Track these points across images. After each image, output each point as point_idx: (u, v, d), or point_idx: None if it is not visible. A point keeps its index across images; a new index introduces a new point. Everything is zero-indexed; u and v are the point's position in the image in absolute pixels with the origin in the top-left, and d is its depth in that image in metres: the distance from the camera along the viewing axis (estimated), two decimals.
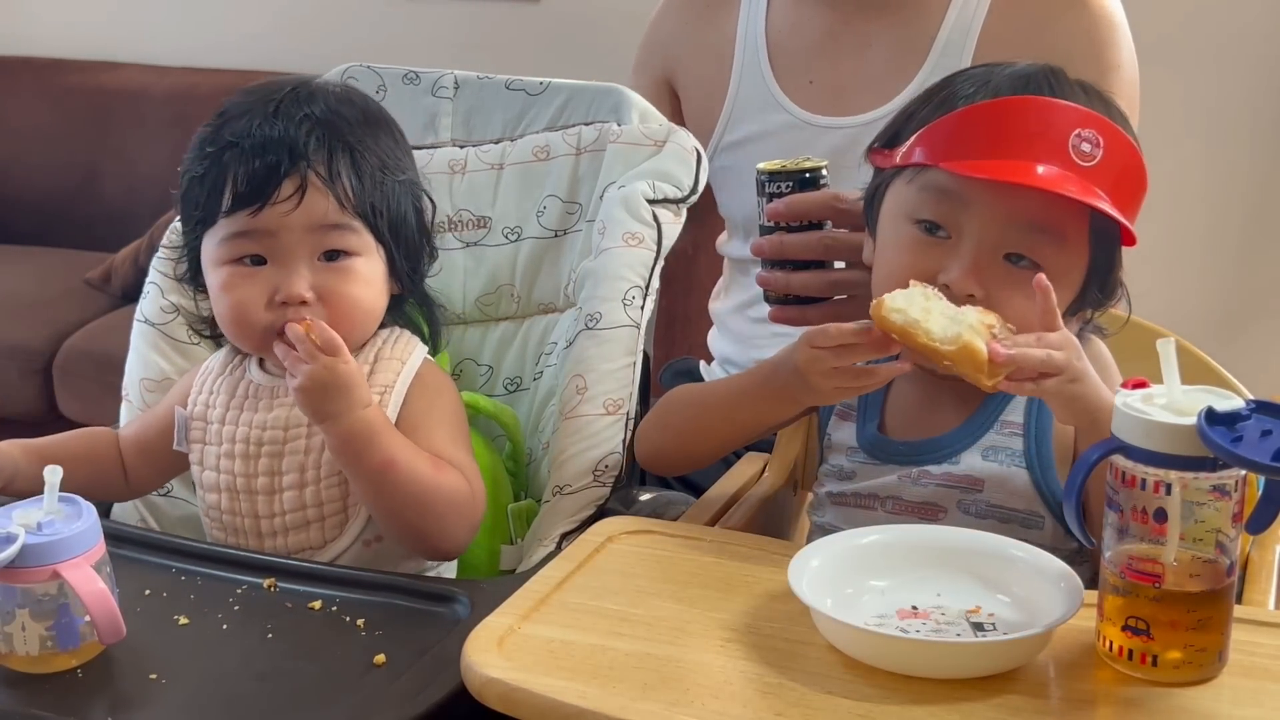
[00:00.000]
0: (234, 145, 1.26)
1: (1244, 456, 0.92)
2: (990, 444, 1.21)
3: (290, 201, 1.25)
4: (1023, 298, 1.14)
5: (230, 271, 1.28)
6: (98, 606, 1.07)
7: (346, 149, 1.28)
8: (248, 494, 1.31)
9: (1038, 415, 1.21)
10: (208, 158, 1.28)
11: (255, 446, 1.30)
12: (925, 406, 1.25)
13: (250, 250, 1.27)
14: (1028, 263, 1.16)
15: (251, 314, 1.27)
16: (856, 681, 0.97)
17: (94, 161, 3.53)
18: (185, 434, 1.35)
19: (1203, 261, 2.97)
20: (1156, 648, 0.97)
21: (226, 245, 1.28)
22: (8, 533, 1.07)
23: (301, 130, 1.27)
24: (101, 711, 1.04)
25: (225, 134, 1.28)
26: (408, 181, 1.34)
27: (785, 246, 1.37)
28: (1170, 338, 1.08)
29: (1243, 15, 2.85)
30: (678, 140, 1.51)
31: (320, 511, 1.30)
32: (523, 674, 0.98)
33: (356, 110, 1.32)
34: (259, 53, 3.50)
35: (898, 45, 1.68)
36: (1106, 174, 1.15)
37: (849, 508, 1.27)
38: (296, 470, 1.30)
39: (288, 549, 1.30)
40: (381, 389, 1.30)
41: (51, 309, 3.19)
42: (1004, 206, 1.16)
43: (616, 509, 1.33)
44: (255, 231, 1.26)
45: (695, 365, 1.89)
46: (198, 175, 1.29)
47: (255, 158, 1.25)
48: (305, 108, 1.28)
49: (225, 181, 1.26)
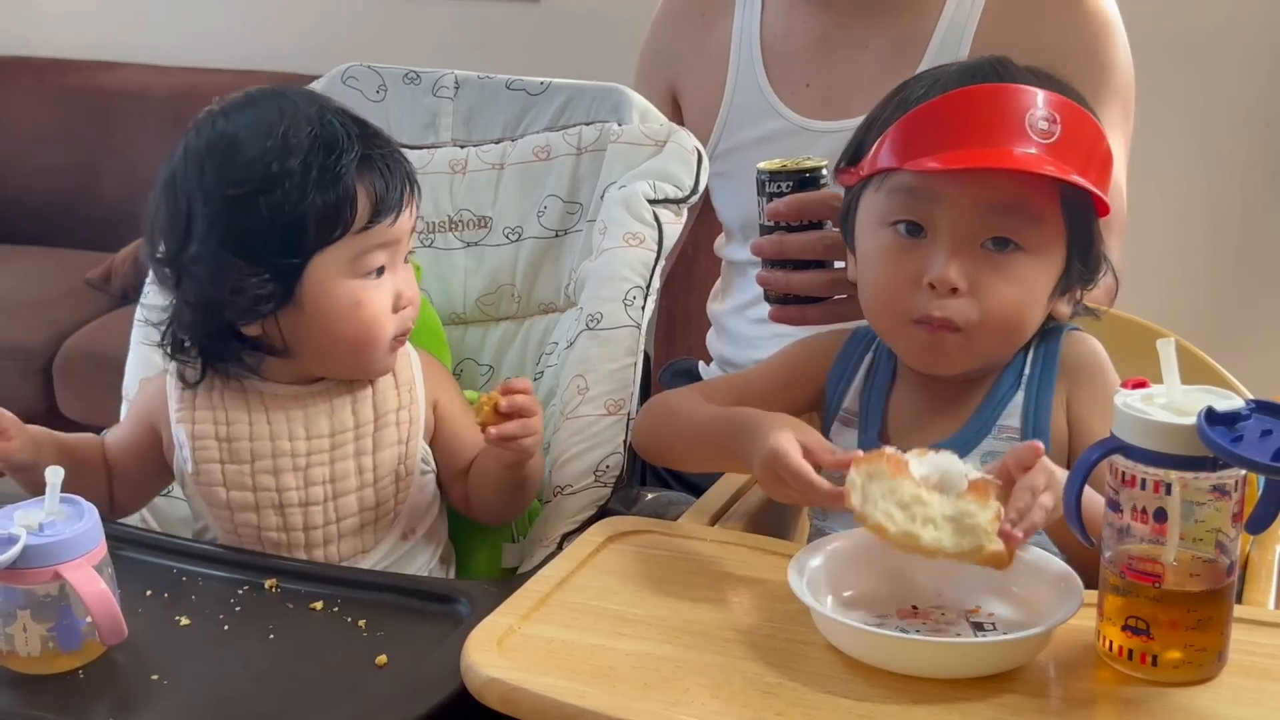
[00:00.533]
0: (368, 159, 1.24)
1: (1244, 456, 0.92)
2: (988, 449, 1.20)
3: (409, 210, 1.27)
4: (1005, 283, 1.15)
5: (359, 286, 1.25)
6: (99, 607, 1.07)
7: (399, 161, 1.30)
8: (298, 507, 1.28)
9: (1034, 418, 1.20)
10: (332, 180, 1.22)
11: (304, 458, 1.28)
12: (926, 412, 1.25)
13: (380, 262, 1.26)
14: (1012, 245, 1.16)
15: (385, 325, 1.27)
16: (856, 681, 0.97)
17: (94, 161, 3.52)
18: (193, 457, 1.29)
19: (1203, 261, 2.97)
20: (1156, 648, 0.97)
21: (360, 261, 1.25)
22: (9, 534, 1.07)
23: (369, 129, 1.28)
24: (103, 712, 1.04)
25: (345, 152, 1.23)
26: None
27: (785, 246, 1.37)
28: (1170, 338, 1.08)
29: (1242, 15, 2.84)
30: (678, 140, 1.51)
31: (375, 513, 1.31)
32: (523, 674, 0.98)
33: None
34: (259, 53, 3.50)
35: (893, 48, 1.68)
36: (1069, 147, 1.14)
37: (849, 514, 1.26)
38: (354, 474, 1.30)
39: (339, 555, 1.30)
40: (408, 386, 1.33)
41: (51, 309, 3.19)
42: (975, 194, 1.14)
43: (617, 509, 1.33)
44: (387, 242, 1.26)
45: (695, 365, 1.89)
46: (325, 201, 1.22)
47: (391, 167, 1.25)
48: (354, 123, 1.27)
49: (357, 197, 1.23)
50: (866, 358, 1.28)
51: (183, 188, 1.25)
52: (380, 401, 1.31)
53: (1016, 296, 1.16)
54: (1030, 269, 1.16)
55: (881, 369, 1.27)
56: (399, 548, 1.33)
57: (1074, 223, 1.17)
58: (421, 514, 1.34)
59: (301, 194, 1.21)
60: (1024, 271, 1.16)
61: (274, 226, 1.22)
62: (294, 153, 1.22)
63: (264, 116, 1.24)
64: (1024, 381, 1.21)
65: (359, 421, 1.30)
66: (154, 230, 1.27)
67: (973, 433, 1.21)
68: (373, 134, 1.28)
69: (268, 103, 1.26)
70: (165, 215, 1.26)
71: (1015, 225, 1.15)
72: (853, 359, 1.29)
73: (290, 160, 1.21)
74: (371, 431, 1.30)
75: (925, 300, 1.16)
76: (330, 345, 1.27)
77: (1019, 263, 1.16)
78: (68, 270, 3.35)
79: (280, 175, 1.21)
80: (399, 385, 1.32)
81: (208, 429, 1.29)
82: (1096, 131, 1.17)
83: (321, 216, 1.22)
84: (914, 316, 1.17)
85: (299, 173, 1.21)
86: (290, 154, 1.22)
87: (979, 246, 1.16)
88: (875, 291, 1.21)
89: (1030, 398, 1.21)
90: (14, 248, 3.56)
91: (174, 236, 1.25)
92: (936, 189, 1.16)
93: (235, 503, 1.29)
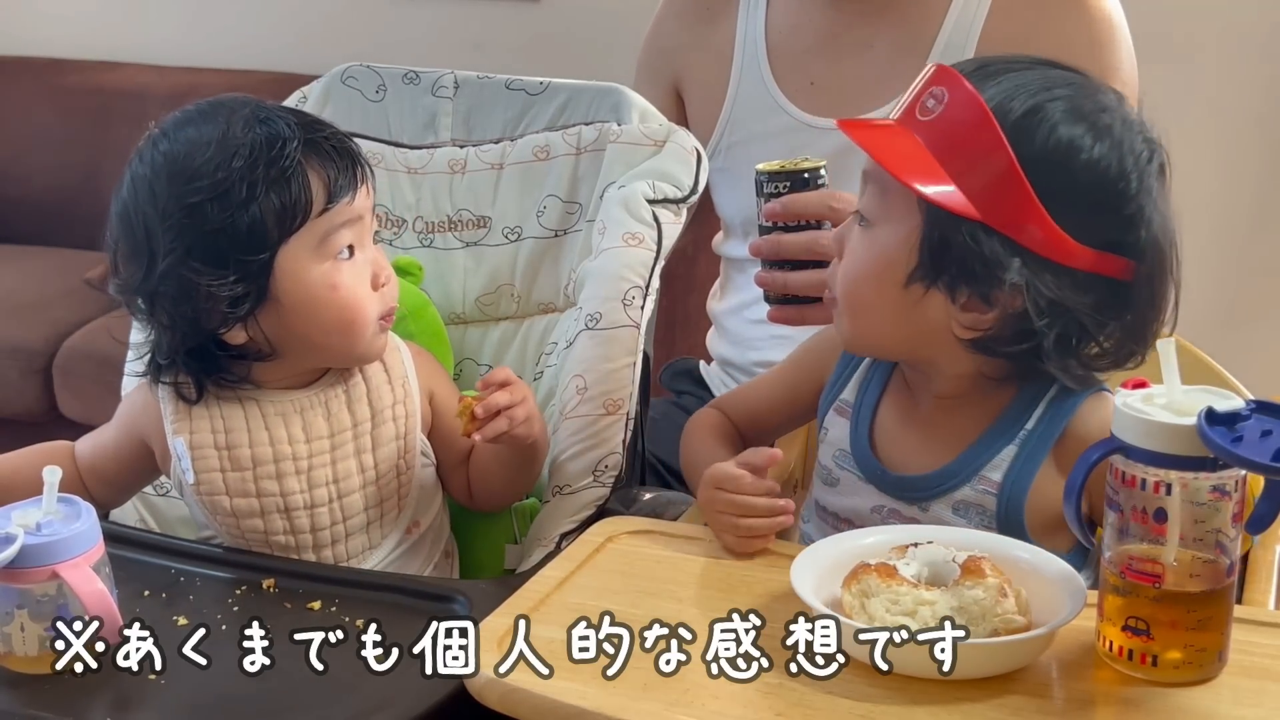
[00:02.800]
0: (313, 144, 1.24)
1: (1244, 456, 0.92)
2: (962, 499, 1.17)
3: (365, 187, 1.27)
4: (847, 256, 1.17)
5: (333, 269, 1.25)
6: (97, 607, 1.06)
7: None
8: (304, 509, 1.28)
9: (1016, 479, 1.15)
10: (281, 177, 1.22)
11: (306, 461, 1.28)
12: (913, 424, 1.22)
13: (347, 241, 1.26)
14: (864, 221, 1.16)
15: (369, 305, 1.27)
16: (856, 681, 0.97)
17: (94, 161, 3.52)
18: (192, 467, 1.29)
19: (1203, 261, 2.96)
20: (1156, 648, 0.97)
21: (326, 244, 1.24)
22: (7, 533, 1.07)
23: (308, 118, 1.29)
24: (100, 712, 1.04)
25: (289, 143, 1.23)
26: None
27: (782, 246, 1.37)
28: (1170, 338, 1.08)
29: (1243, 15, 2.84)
30: (678, 140, 1.51)
31: (380, 510, 1.31)
32: (523, 674, 0.98)
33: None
34: (259, 53, 3.49)
35: (898, 46, 1.68)
36: (940, 131, 1.10)
37: (828, 525, 1.26)
38: (357, 473, 1.30)
39: (347, 555, 1.30)
40: (401, 380, 1.33)
41: (51, 309, 3.19)
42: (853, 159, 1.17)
43: (616, 509, 1.33)
44: (350, 220, 1.26)
45: (695, 365, 1.89)
46: (278, 199, 1.22)
47: (336, 147, 1.25)
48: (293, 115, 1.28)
49: (311, 184, 1.23)
50: (865, 360, 1.28)
51: (137, 214, 1.26)
52: (375, 398, 1.31)
53: (850, 270, 1.17)
54: (868, 244, 1.15)
55: (879, 367, 1.27)
56: (404, 542, 1.33)
57: (931, 214, 1.10)
58: (425, 507, 1.35)
59: (253, 191, 1.22)
60: (863, 246, 1.16)
61: (235, 228, 1.22)
62: (239, 153, 1.22)
63: (203, 128, 1.25)
64: (1020, 437, 1.16)
65: (356, 420, 1.30)
66: (118, 263, 1.29)
67: (950, 476, 1.18)
68: (312, 122, 1.28)
69: (203, 115, 1.26)
70: (125, 244, 1.27)
71: (867, 198, 1.16)
72: (852, 359, 1.29)
73: (235, 161, 1.22)
74: (370, 429, 1.30)
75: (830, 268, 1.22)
76: (316, 335, 1.26)
77: (862, 237, 1.16)
78: (68, 270, 3.34)
79: (229, 177, 1.22)
80: (392, 380, 1.32)
81: (206, 439, 1.28)
82: (982, 129, 1.08)
83: (279, 208, 1.22)
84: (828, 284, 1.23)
85: (247, 171, 1.22)
86: (235, 155, 1.22)
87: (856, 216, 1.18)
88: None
89: (1021, 456, 1.16)
90: (14, 248, 3.56)
91: (138, 262, 1.26)
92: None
93: (240, 510, 1.28)
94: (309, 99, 1.61)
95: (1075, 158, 1.09)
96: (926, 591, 1.00)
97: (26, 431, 3.08)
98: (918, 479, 1.19)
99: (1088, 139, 1.10)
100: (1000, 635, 0.98)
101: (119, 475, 1.37)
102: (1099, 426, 1.11)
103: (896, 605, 0.99)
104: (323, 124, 1.29)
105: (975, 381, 1.18)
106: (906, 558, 1.04)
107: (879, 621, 0.99)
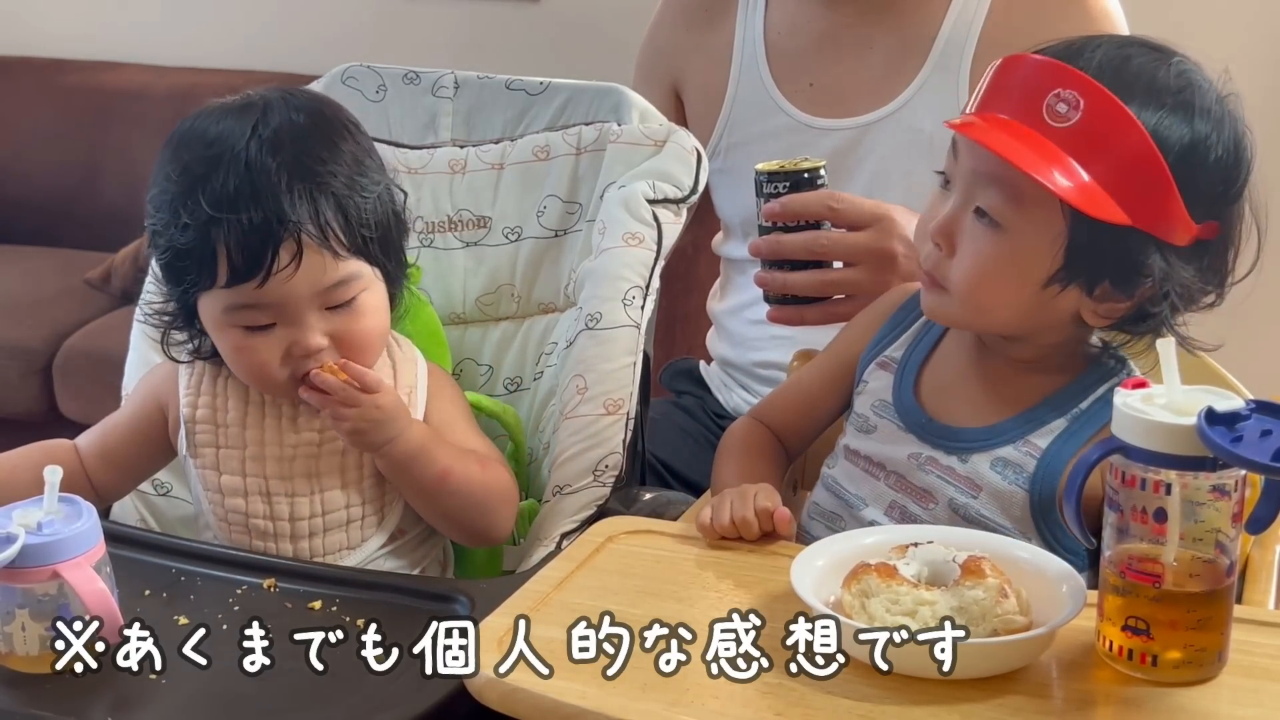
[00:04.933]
0: (217, 220, 1.21)
1: (1244, 456, 0.92)
2: (1003, 456, 1.19)
3: (289, 269, 1.22)
4: (970, 254, 1.16)
5: (240, 335, 1.26)
6: (98, 606, 1.06)
7: (328, 192, 1.24)
8: (284, 496, 1.29)
9: (1059, 449, 1.18)
10: (190, 229, 1.22)
11: (290, 449, 1.30)
12: (966, 381, 1.25)
13: (257, 320, 1.25)
14: (988, 220, 1.15)
15: (271, 373, 1.27)
16: (856, 681, 0.97)
17: (94, 161, 3.52)
18: (192, 439, 1.32)
19: None
20: (1156, 648, 0.97)
21: (231, 315, 1.25)
22: (8, 533, 1.07)
23: (281, 185, 1.22)
24: (101, 711, 1.04)
25: (203, 202, 1.21)
26: (382, 187, 1.30)
27: (781, 246, 1.37)
28: (1170, 338, 1.08)
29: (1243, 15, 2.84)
30: (678, 140, 1.51)
31: (361, 510, 1.31)
32: (523, 674, 0.98)
33: (315, 128, 1.28)
34: (259, 53, 3.49)
35: (898, 46, 1.68)
36: (1082, 137, 1.11)
37: (858, 469, 1.27)
38: (337, 471, 1.30)
39: (323, 550, 1.30)
40: (407, 390, 1.33)
41: (51, 309, 3.19)
42: (971, 160, 1.16)
43: (617, 509, 1.33)
44: (260, 304, 1.24)
45: (695, 365, 1.89)
46: (183, 247, 1.23)
47: (246, 233, 1.21)
48: (275, 154, 1.23)
49: (217, 255, 1.22)
50: (923, 317, 1.29)
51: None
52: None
53: (976, 269, 1.16)
54: (1000, 246, 1.15)
55: (933, 328, 1.28)
56: (387, 546, 1.32)
57: (1077, 218, 1.12)
58: (413, 518, 1.34)
59: (167, 237, 1.25)
60: (992, 247, 1.15)
61: (161, 255, 1.27)
62: (176, 184, 1.24)
63: (210, 124, 1.26)
64: (1073, 413, 1.19)
65: None
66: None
67: (999, 434, 1.21)
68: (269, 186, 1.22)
69: (229, 112, 1.26)
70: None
71: (996, 199, 1.15)
72: (910, 313, 1.30)
73: (171, 187, 1.24)
74: None
75: (927, 252, 1.20)
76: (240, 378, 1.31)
77: (990, 237, 1.15)
78: (68, 270, 3.34)
79: (172, 194, 1.24)
80: (397, 390, 1.31)
81: (207, 414, 1.32)
82: (1126, 124, 1.11)
83: (188, 265, 1.24)
84: (924, 266, 1.21)
85: (165, 210, 1.25)
86: (172, 183, 1.24)
87: (969, 212, 1.17)
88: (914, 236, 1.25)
89: (1068, 430, 1.19)
90: (14, 248, 3.55)
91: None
92: (959, 148, 1.18)
93: (226, 487, 1.30)
94: None
95: (1206, 156, 1.14)
96: (926, 592, 1.00)
97: (26, 431, 3.07)
98: (965, 430, 1.22)
99: (1213, 136, 1.15)
100: (1000, 635, 0.98)
101: (129, 454, 1.37)
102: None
103: (896, 605, 0.99)
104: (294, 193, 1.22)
105: (1057, 350, 1.22)
106: (906, 558, 1.04)
107: (879, 621, 0.99)
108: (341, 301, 1.27)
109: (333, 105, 1.35)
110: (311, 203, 1.23)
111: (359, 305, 1.28)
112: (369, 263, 1.28)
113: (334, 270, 1.25)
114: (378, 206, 1.29)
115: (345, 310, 1.27)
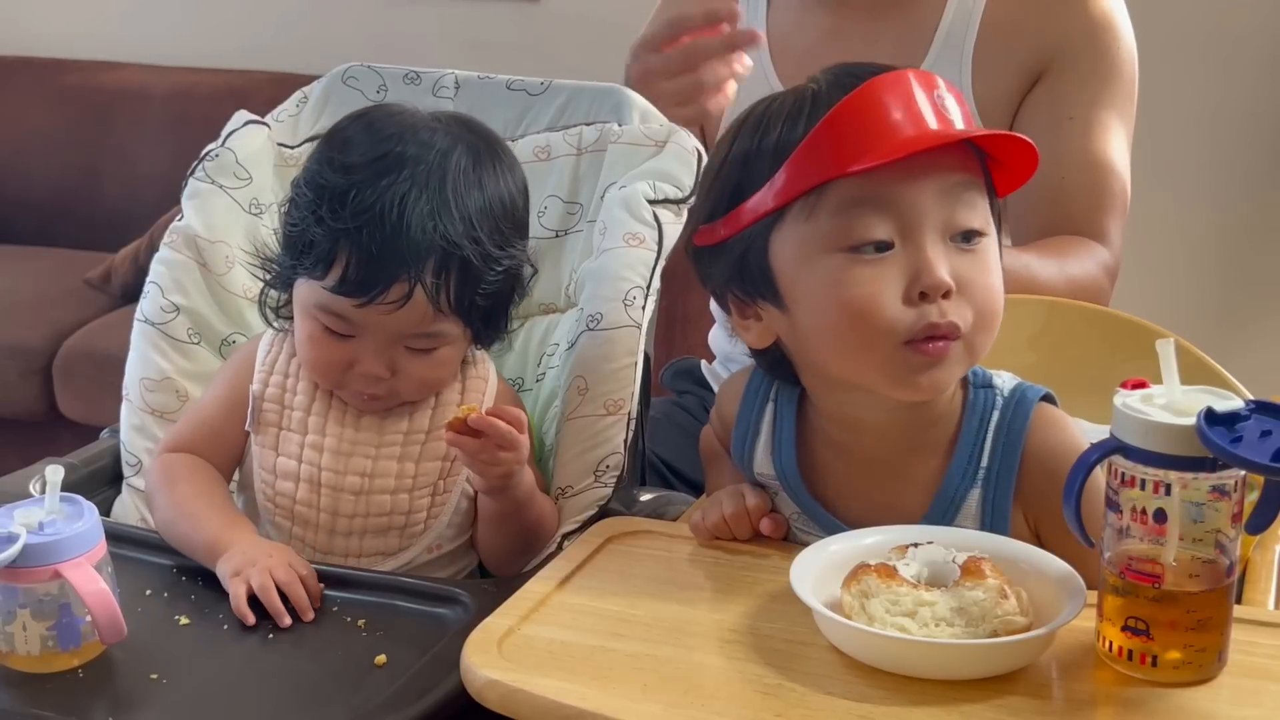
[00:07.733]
0: (350, 232, 1.23)
1: (1244, 456, 0.92)
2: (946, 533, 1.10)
3: (392, 306, 1.24)
4: (983, 274, 1.09)
5: (320, 330, 1.28)
6: (99, 606, 1.07)
7: (460, 254, 1.25)
8: (333, 490, 1.30)
9: (991, 523, 1.13)
10: (324, 224, 1.24)
11: (349, 445, 1.31)
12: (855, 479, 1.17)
13: (340, 328, 1.27)
14: (975, 235, 1.09)
15: (331, 373, 1.29)
16: (857, 682, 0.97)
17: (94, 161, 3.52)
18: (257, 415, 1.33)
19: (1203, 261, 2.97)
20: (1156, 648, 0.97)
21: (321, 311, 1.27)
22: (9, 532, 1.07)
23: (424, 242, 1.23)
24: (102, 711, 1.04)
25: (349, 208, 1.23)
26: (515, 262, 1.31)
27: None
28: (1170, 338, 1.08)
29: (1244, 14, 2.85)
30: (678, 140, 1.51)
31: (406, 519, 1.31)
32: (523, 675, 0.98)
33: (480, 186, 1.28)
34: (259, 53, 3.49)
35: (901, 41, 1.68)
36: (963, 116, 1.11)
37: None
38: (393, 475, 1.30)
39: (360, 550, 1.31)
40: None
41: (51, 309, 3.19)
42: (935, 178, 1.06)
43: (617, 509, 1.33)
44: (350, 318, 1.26)
45: (696, 365, 1.89)
46: (311, 235, 1.25)
47: (370, 257, 1.23)
48: (433, 194, 1.24)
49: (335, 260, 1.24)
50: (767, 412, 1.21)
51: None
52: (439, 415, 1.32)
53: (996, 285, 1.10)
54: (993, 252, 1.11)
55: (784, 424, 1.20)
56: (422, 558, 1.33)
57: (992, 197, 1.12)
58: (454, 534, 1.34)
59: (300, 216, 1.27)
60: (991, 257, 1.11)
61: (291, 227, 1.30)
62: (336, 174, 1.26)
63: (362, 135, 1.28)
64: (981, 476, 1.13)
65: (412, 428, 1.32)
66: None
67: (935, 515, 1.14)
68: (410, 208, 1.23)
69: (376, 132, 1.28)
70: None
71: (973, 204, 1.09)
72: (752, 415, 1.22)
73: (331, 176, 1.26)
74: (422, 441, 1.31)
75: (918, 314, 1.06)
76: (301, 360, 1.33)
77: (986, 248, 1.10)
78: (68, 270, 3.35)
79: (318, 181, 1.27)
80: (465, 405, 1.30)
81: (276, 393, 1.34)
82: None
83: (305, 250, 1.27)
84: (906, 337, 1.06)
85: (310, 192, 1.27)
86: (334, 170, 1.26)
87: (949, 243, 1.08)
88: (848, 322, 1.07)
89: (988, 498, 1.13)
90: (14, 248, 3.56)
91: None
92: (895, 191, 1.06)
93: (280, 469, 1.31)
94: (310, 99, 1.61)
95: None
96: (926, 592, 1.00)
97: (26, 431, 3.09)
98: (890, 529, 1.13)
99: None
100: (1000, 636, 0.98)
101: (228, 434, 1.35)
102: (1061, 452, 1.10)
103: (896, 606, 0.99)
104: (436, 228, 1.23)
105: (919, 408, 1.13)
106: (906, 558, 1.04)
107: (879, 622, 0.99)
108: (423, 348, 1.29)
109: (509, 161, 1.34)
110: (441, 257, 1.24)
111: (436, 357, 1.30)
112: (465, 324, 1.30)
113: (429, 323, 1.27)
114: (501, 281, 1.30)
115: (421, 355, 1.29)
